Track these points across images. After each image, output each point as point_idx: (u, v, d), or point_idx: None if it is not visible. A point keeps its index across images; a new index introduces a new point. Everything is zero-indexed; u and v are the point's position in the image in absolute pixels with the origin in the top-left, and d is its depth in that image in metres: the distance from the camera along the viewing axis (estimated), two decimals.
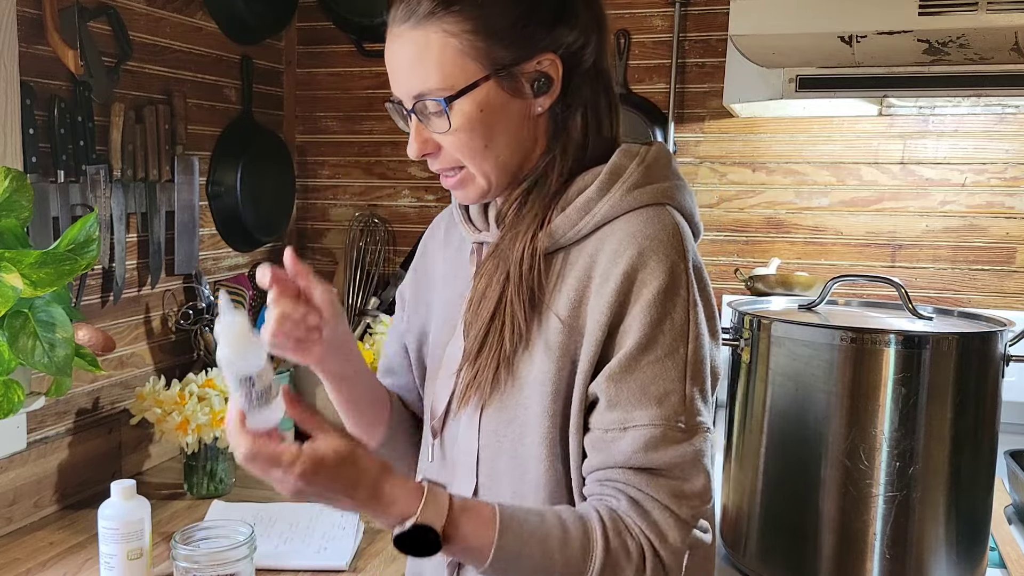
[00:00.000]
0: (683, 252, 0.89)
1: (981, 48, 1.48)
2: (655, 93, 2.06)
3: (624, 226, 0.91)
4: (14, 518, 1.53)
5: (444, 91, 0.90)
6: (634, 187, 0.92)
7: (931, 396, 1.23)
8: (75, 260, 1.30)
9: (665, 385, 0.87)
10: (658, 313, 0.87)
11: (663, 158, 0.96)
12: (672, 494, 0.86)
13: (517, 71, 0.91)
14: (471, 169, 0.94)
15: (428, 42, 0.89)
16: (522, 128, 0.93)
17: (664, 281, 0.87)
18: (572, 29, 0.94)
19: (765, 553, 1.34)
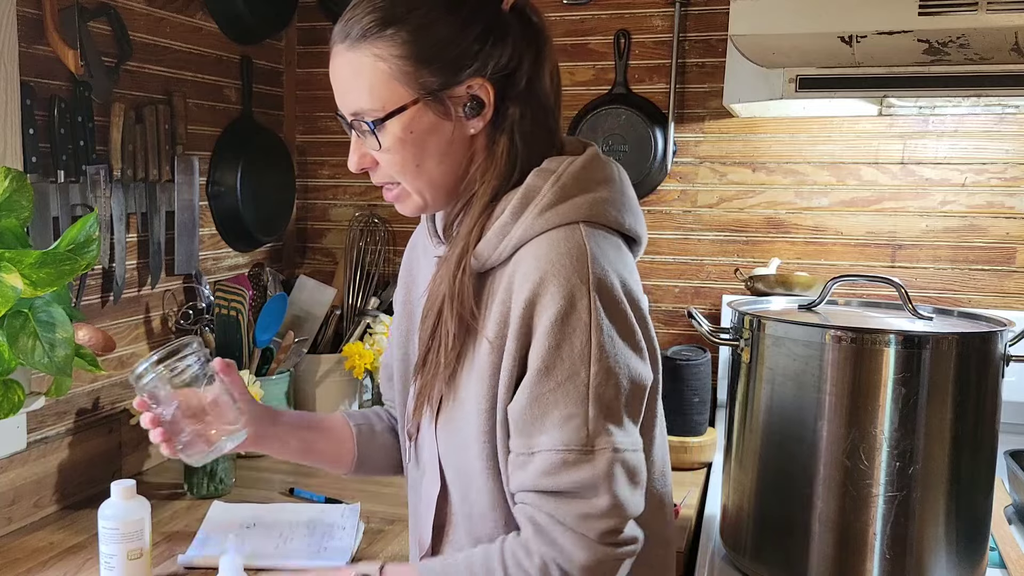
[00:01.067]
0: (585, 274, 0.89)
1: (981, 48, 1.48)
2: (655, 93, 2.06)
3: (533, 250, 0.92)
4: (14, 518, 1.53)
5: (374, 112, 0.93)
6: (546, 208, 0.93)
7: (931, 396, 1.23)
8: (75, 260, 1.30)
9: (566, 410, 0.89)
10: (556, 339, 0.89)
11: (585, 171, 0.97)
12: (578, 515, 0.89)
13: (446, 95, 0.93)
14: (405, 186, 0.98)
15: (360, 64, 0.93)
16: (455, 149, 0.96)
17: (562, 306, 0.88)
18: (503, 52, 0.94)
19: (765, 553, 1.34)
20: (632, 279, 0.96)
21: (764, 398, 1.32)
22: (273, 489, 1.74)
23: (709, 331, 1.41)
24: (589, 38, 2.09)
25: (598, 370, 0.89)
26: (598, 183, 0.97)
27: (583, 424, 0.89)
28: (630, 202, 1.00)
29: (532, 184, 0.95)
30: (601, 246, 0.93)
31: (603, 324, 0.89)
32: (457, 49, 0.93)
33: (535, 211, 0.93)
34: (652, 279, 2.11)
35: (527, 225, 0.93)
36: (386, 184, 1.00)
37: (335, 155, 2.32)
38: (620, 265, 0.94)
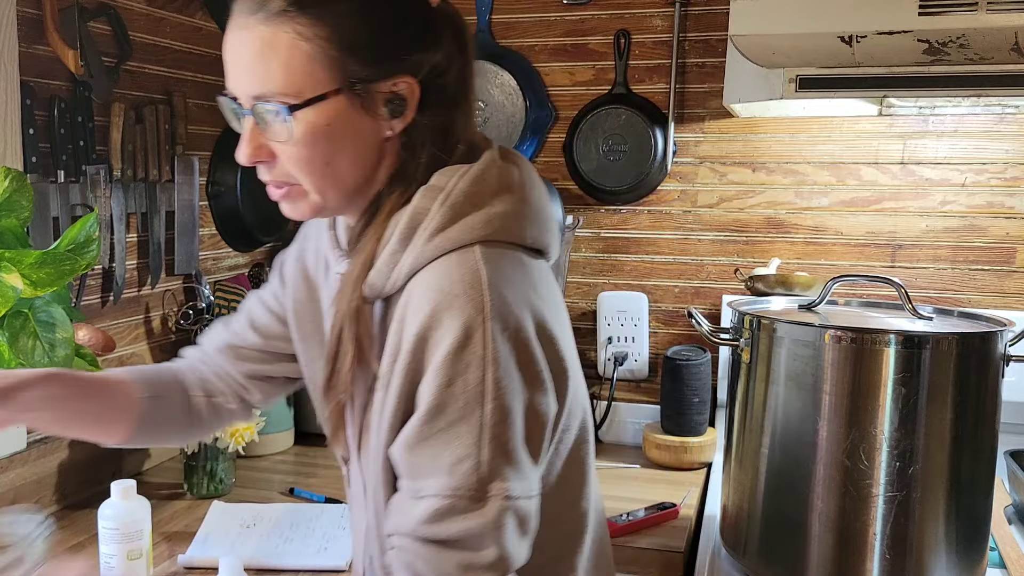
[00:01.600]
0: (480, 303, 0.81)
1: (981, 48, 1.48)
2: (655, 93, 2.06)
3: (426, 278, 0.84)
4: None
5: (288, 97, 0.84)
6: (435, 233, 0.85)
7: (931, 396, 1.23)
8: (75, 260, 1.30)
9: (457, 452, 0.81)
10: (448, 376, 0.81)
11: (478, 183, 0.88)
12: (460, 566, 0.82)
13: (372, 89, 0.86)
14: (306, 185, 0.89)
15: (277, 41, 0.83)
16: (368, 149, 0.88)
17: (455, 340, 0.80)
18: (435, 54, 0.88)
19: (765, 553, 1.34)
20: (539, 298, 0.87)
21: (764, 398, 1.32)
22: (273, 489, 1.74)
23: (709, 331, 1.41)
24: (589, 38, 2.09)
25: (494, 408, 0.81)
26: (494, 195, 0.88)
27: (475, 468, 0.81)
28: (534, 211, 0.91)
29: (419, 206, 0.87)
30: (500, 268, 0.84)
31: (500, 357, 0.81)
32: (391, 41, 0.86)
33: (424, 236, 0.85)
34: (652, 279, 2.11)
35: (417, 253, 0.85)
36: (279, 182, 0.91)
37: None
38: (524, 286, 0.86)
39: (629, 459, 1.93)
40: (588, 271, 2.14)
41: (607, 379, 2.07)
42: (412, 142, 0.89)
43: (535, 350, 0.84)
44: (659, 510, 1.59)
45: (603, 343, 2.08)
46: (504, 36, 2.13)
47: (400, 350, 0.84)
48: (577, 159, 2.06)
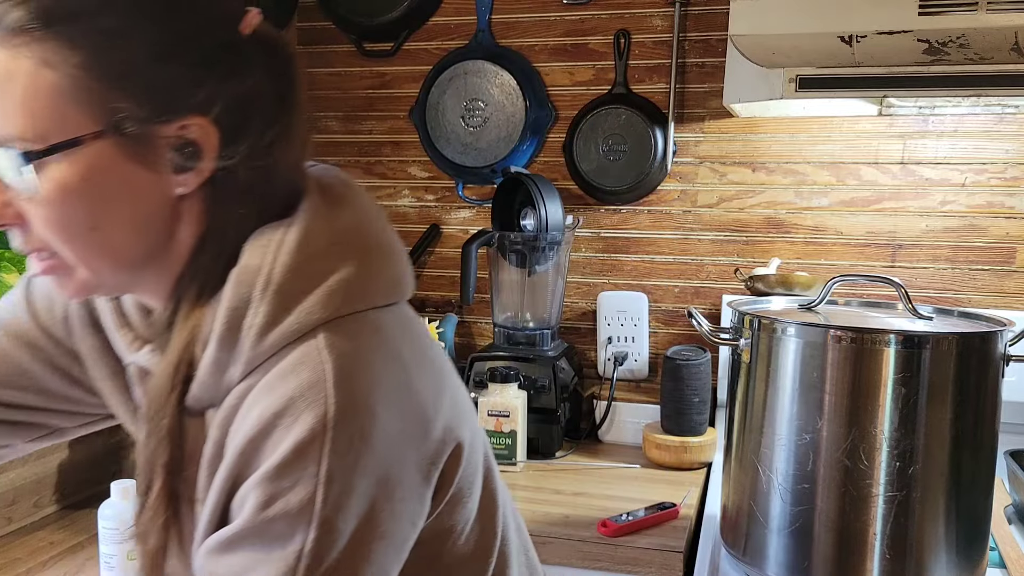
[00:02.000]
0: (323, 409, 0.64)
1: (981, 48, 1.48)
2: (655, 93, 2.06)
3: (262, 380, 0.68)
4: (14, 518, 1.53)
5: (29, 142, 0.64)
6: (266, 329, 0.68)
7: (931, 396, 1.23)
8: None
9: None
10: (268, 493, 0.64)
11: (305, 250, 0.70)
12: None
13: (147, 132, 0.66)
14: (66, 257, 0.69)
15: (14, 68, 0.64)
16: (153, 211, 0.69)
17: (285, 453, 0.64)
18: (238, 85, 0.69)
19: (764, 552, 1.34)
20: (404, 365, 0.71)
21: (764, 398, 1.32)
22: None
23: (709, 331, 1.41)
24: (589, 38, 2.09)
25: (319, 536, 0.64)
26: (327, 259, 0.70)
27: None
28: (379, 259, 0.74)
29: (236, 297, 0.68)
30: (353, 352, 0.68)
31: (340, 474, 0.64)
32: (173, 70, 0.67)
33: (251, 338, 0.68)
34: (652, 279, 2.11)
35: (247, 357, 0.68)
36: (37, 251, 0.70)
37: (335, 155, 2.32)
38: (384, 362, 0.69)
39: (629, 459, 1.93)
40: (588, 271, 2.14)
41: (607, 379, 2.07)
42: (217, 199, 0.70)
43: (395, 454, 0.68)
44: (659, 510, 1.59)
45: (603, 343, 2.08)
46: (504, 36, 2.13)
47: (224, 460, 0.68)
48: (577, 159, 2.06)
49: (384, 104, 2.25)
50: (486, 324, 2.21)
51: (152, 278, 0.73)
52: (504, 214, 2.04)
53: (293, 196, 0.74)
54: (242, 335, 0.68)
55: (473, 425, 0.80)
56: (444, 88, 2.13)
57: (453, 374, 0.80)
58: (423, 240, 2.22)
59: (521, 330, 2.01)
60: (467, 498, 0.78)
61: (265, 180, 0.72)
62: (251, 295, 0.68)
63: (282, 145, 0.73)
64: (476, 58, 2.11)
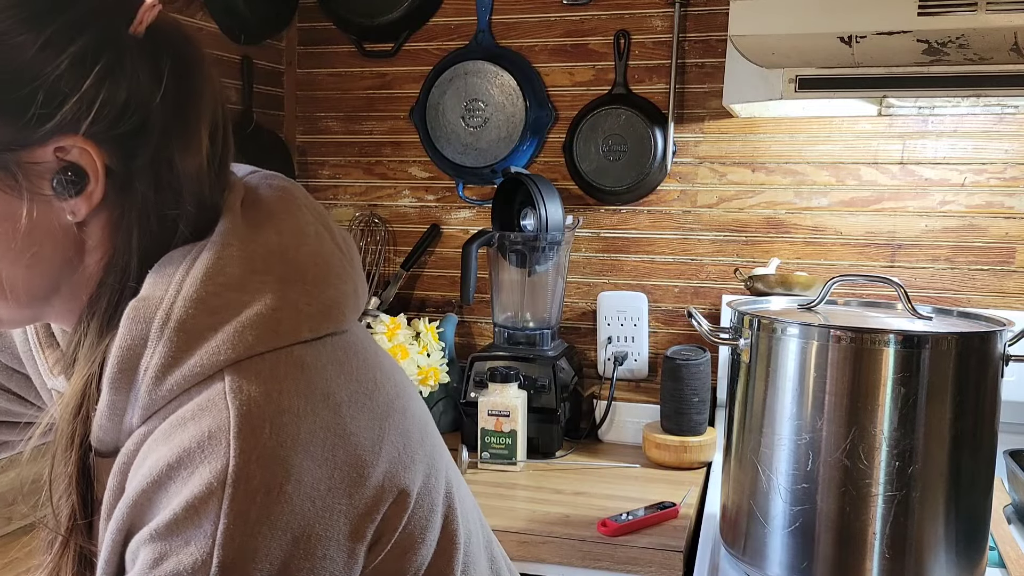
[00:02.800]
0: (222, 464, 0.57)
1: (981, 48, 1.49)
2: (655, 93, 2.06)
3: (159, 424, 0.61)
4: (14, 518, 1.53)
5: None
6: (164, 371, 0.60)
7: (930, 396, 1.23)
8: None
9: None
10: (160, 551, 0.58)
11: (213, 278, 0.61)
12: None
13: (17, 159, 0.60)
14: None
15: None
16: (45, 244, 0.63)
17: (175, 513, 0.57)
18: (121, 97, 0.61)
19: (764, 552, 1.34)
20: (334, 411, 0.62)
21: (764, 398, 1.32)
22: None
23: (709, 331, 1.41)
24: (589, 38, 2.09)
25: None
26: (241, 289, 0.62)
27: None
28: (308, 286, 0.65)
29: (129, 335, 0.61)
30: (268, 397, 0.60)
31: (236, 537, 0.57)
32: (31, 86, 0.58)
33: (148, 380, 0.61)
34: (652, 279, 2.11)
35: (143, 404, 0.61)
36: None
37: (335, 155, 2.32)
38: (308, 409, 0.61)
39: (629, 459, 1.93)
40: (588, 271, 2.14)
41: (607, 379, 2.07)
42: (116, 223, 0.64)
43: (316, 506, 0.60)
44: (659, 509, 1.59)
45: (603, 343, 2.08)
46: (504, 36, 2.13)
47: (117, 509, 0.61)
48: (577, 159, 2.07)
49: (384, 104, 2.25)
50: (486, 324, 2.21)
51: (63, 308, 0.67)
52: (504, 214, 2.04)
53: (209, 214, 0.66)
54: (138, 378, 0.61)
55: (432, 463, 0.71)
56: (444, 88, 2.13)
57: (409, 409, 0.70)
58: (423, 240, 2.22)
59: (521, 330, 2.01)
60: (419, 544, 0.69)
61: (170, 198, 0.64)
62: (148, 332, 0.60)
63: (185, 157, 0.65)
64: (476, 58, 2.11)
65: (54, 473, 0.68)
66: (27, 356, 0.80)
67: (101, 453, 0.65)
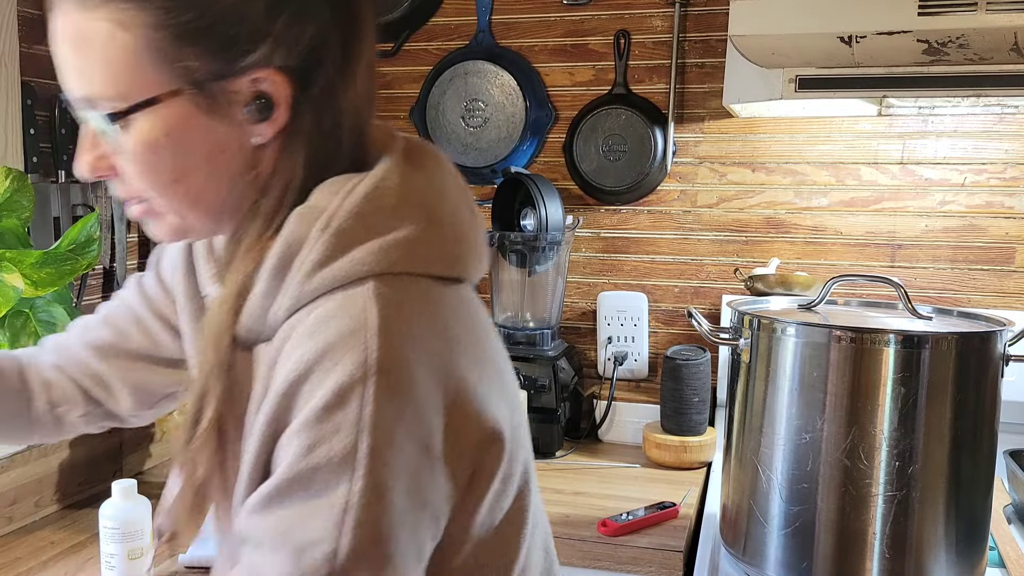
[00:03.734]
0: (364, 355, 0.64)
1: (981, 48, 1.49)
2: (655, 93, 2.06)
3: (305, 320, 0.68)
4: (15, 517, 1.53)
5: (112, 102, 0.68)
6: (316, 268, 0.68)
7: (930, 396, 1.23)
8: (76, 260, 1.30)
9: (310, 534, 0.63)
10: (310, 440, 0.63)
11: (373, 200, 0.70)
12: None
13: (219, 88, 0.68)
14: (156, 205, 0.74)
15: (93, 32, 0.66)
16: (232, 162, 0.71)
17: (325, 398, 0.63)
18: (304, 35, 0.70)
19: (764, 552, 1.34)
20: (452, 343, 0.70)
21: (764, 398, 1.32)
22: None
23: (709, 331, 1.41)
24: (589, 38, 2.09)
25: (366, 486, 0.62)
26: (392, 216, 0.70)
27: (329, 558, 0.62)
28: (446, 231, 0.74)
29: (294, 234, 0.69)
30: (399, 310, 0.67)
31: (382, 424, 0.63)
32: (239, 26, 0.67)
33: (301, 273, 0.68)
34: (652, 279, 2.11)
35: (293, 293, 0.69)
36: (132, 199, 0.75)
37: None
38: (430, 331, 0.68)
39: (629, 459, 1.93)
40: (588, 271, 2.14)
41: (607, 379, 2.07)
42: (290, 147, 0.72)
43: (430, 418, 0.66)
44: (659, 509, 1.59)
45: (603, 343, 2.08)
46: (504, 36, 2.13)
47: (265, 401, 0.67)
48: (577, 159, 2.07)
49: (384, 104, 2.25)
50: None
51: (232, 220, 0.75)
52: (504, 214, 2.04)
53: (361, 149, 0.75)
54: (292, 270, 0.69)
55: (517, 433, 0.76)
56: (444, 88, 2.13)
57: (505, 373, 0.76)
58: None
59: (521, 330, 2.02)
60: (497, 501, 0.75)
61: (333, 126, 0.73)
62: (309, 233, 0.69)
63: (347, 92, 0.73)
64: (476, 58, 2.11)
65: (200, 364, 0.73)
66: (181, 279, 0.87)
67: (244, 344, 0.72)
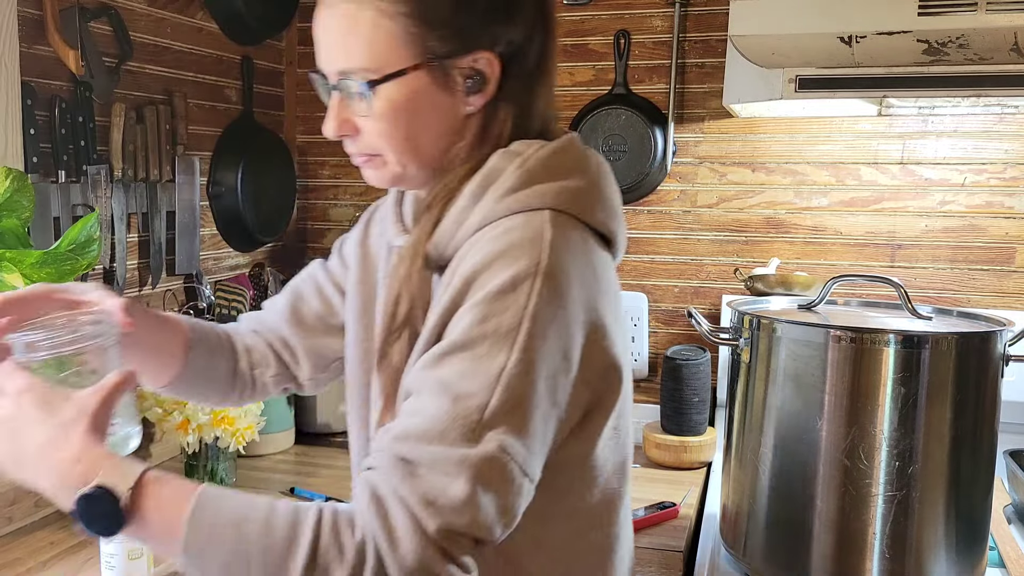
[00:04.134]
0: (536, 258, 0.79)
1: (981, 48, 1.49)
2: (655, 93, 2.06)
3: (489, 232, 0.84)
4: (15, 517, 1.53)
5: (370, 73, 0.86)
6: (507, 193, 0.85)
7: (930, 396, 1.23)
8: (76, 260, 1.30)
9: (469, 386, 0.76)
10: (484, 313, 0.78)
11: (557, 156, 0.88)
12: (423, 496, 0.73)
13: (450, 64, 0.87)
14: (388, 158, 0.91)
15: (360, 18, 0.85)
16: (449, 125, 0.89)
17: (502, 283, 0.79)
18: (515, 28, 0.88)
19: (764, 552, 1.34)
20: (597, 283, 0.85)
21: (764, 398, 1.32)
22: (273, 488, 1.74)
23: (709, 331, 1.41)
24: (589, 38, 2.09)
25: (520, 359, 0.77)
26: (569, 172, 0.88)
27: (480, 408, 0.76)
28: (605, 197, 0.91)
29: (494, 166, 0.87)
30: (567, 237, 0.83)
31: (541, 316, 0.78)
32: (469, 17, 0.86)
33: (495, 195, 0.85)
34: (652, 279, 2.11)
35: (486, 210, 0.85)
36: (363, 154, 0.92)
37: (335, 155, 2.32)
38: (584, 266, 0.84)
39: None
40: None
41: None
42: (492, 118, 0.90)
43: (573, 332, 0.81)
44: (659, 509, 1.59)
45: None
46: None
47: (447, 288, 0.83)
48: None
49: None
50: None
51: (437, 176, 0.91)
52: None
53: (546, 127, 0.93)
54: (488, 192, 0.86)
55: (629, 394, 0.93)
56: None
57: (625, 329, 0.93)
58: None
59: None
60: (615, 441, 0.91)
61: (526, 105, 0.91)
62: (506, 168, 0.86)
63: (540, 84, 0.92)
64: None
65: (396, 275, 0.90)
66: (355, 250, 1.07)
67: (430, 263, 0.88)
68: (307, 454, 1.96)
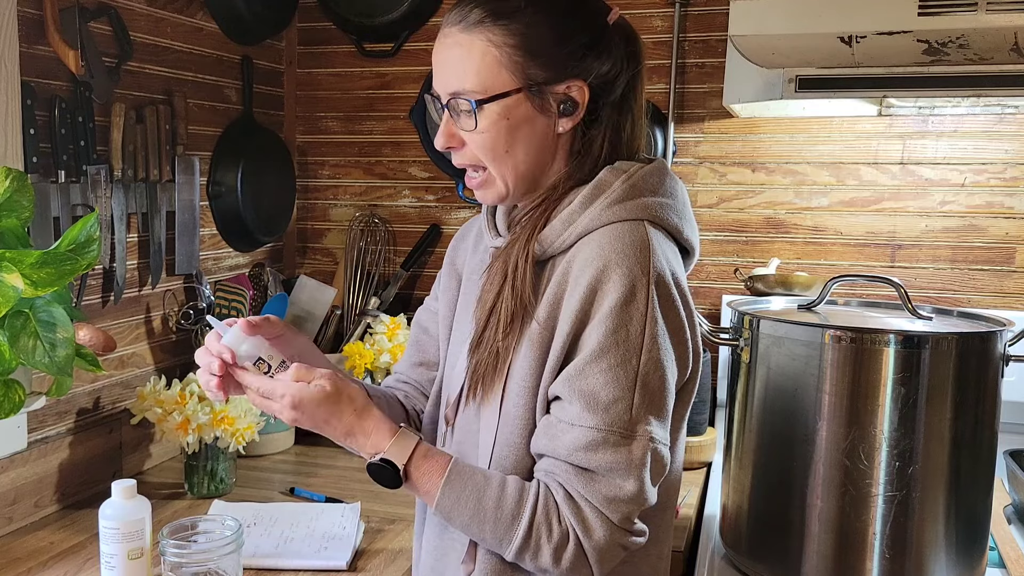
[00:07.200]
0: (647, 267, 0.94)
1: (981, 48, 1.49)
2: (655, 93, 2.06)
3: (598, 238, 0.97)
4: (15, 517, 1.53)
5: (477, 94, 0.98)
6: (615, 202, 0.98)
7: (930, 396, 1.23)
8: (76, 260, 1.30)
9: (614, 392, 0.93)
10: (614, 324, 0.93)
11: (654, 176, 1.02)
12: (605, 497, 0.93)
13: (547, 90, 0.99)
14: (491, 171, 1.03)
15: (472, 47, 0.98)
16: (542, 143, 1.01)
17: (623, 294, 0.93)
18: (604, 62, 1.00)
19: (764, 552, 1.34)
20: (686, 283, 1.01)
21: (764, 398, 1.32)
22: (273, 489, 1.74)
23: (709, 331, 1.41)
24: None
25: (648, 360, 0.93)
26: (664, 190, 1.02)
27: (628, 409, 0.93)
28: (689, 215, 1.05)
29: (604, 178, 1.00)
30: (663, 245, 0.98)
31: (658, 317, 0.94)
32: (565, 50, 0.98)
33: (604, 203, 0.98)
34: None
35: (594, 215, 0.98)
36: (470, 168, 1.05)
37: (335, 155, 2.32)
38: (676, 266, 0.99)
39: None
40: None
41: None
42: (581, 141, 1.02)
43: (683, 322, 0.97)
44: None
45: None
46: None
47: (564, 298, 0.96)
48: None
49: (384, 104, 2.25)
50: None
51: (533, 190, 1.04)
52: None
53: (631, 151, 1.05)
54: (598, 200, 0.99)
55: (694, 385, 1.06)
56: None
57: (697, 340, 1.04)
58: (423, 240, 2.22)
59: None
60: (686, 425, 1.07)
61: (614, 133, 1.03)
62: (614, 181, 1.00)
63: (626, 112, 1.04)
64: None
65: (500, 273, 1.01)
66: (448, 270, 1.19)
67: (535, 257, 1.00)
68: (307, 454, 1.96)
